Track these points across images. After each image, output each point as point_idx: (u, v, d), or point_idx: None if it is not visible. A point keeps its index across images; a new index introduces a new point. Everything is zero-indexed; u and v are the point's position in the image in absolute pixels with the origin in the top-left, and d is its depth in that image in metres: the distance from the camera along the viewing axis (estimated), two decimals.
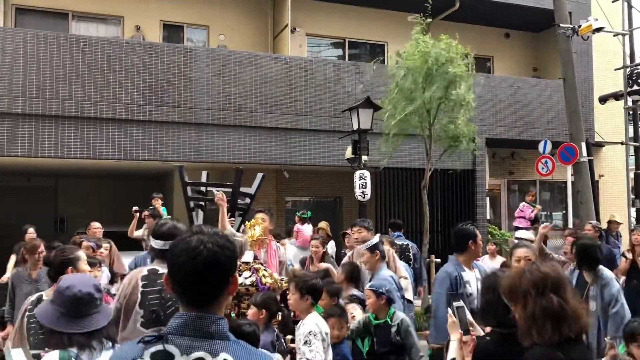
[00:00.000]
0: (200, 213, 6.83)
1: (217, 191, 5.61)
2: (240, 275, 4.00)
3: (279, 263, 5.51)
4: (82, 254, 3.88)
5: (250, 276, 3.92)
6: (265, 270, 4.03)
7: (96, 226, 8.16)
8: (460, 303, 2.61)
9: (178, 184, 13.23)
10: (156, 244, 3.38)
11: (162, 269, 3.23)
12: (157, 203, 9.40)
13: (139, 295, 3.24)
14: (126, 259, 7.10)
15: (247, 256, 4.16)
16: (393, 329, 4.20)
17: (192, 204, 6.76)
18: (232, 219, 6.46)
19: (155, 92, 10.40)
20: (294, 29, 13.40)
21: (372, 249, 5.08)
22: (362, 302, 4.80)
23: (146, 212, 9.10)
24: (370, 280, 4.87)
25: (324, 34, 14.35)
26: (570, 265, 5.27)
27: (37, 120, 9.66)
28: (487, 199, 13.15)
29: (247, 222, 4.37)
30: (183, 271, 1.65)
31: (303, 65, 11.67)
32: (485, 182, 13.08)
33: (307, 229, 9.29)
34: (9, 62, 9.52)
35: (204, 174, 7.22)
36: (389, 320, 4.25)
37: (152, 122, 10.35)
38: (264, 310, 4.02)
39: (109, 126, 10.07)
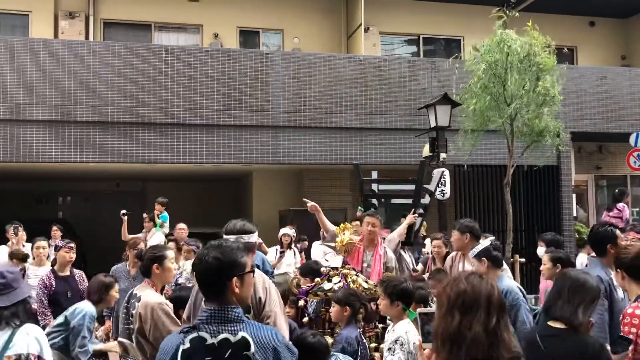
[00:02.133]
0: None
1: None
2: (330, 280, 3.99)
3: (386, 269, 5.32)
4: (170, 252, 4.04)
5: (339, 282, 3.89)
6: (356, 275, 3.97)
7: (182, 227, 8.41)
8: (428, 310, 2.38)
9: (257, 186, 13.63)
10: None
11: None
12: (160, 208, 9.47)
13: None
14: None
15: (336, 261, 4.14)
16: None
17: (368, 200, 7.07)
18: (416, 215, 6.55)
19: (234, 97, 10.68)
20: (368, 28, 13.37)
21: (479, 255, 4.38)
22: None
23: (145, 216, 9.30)
24: None
25: (397, 31, 14.23)
26: None
27: (125, 128, 10.16)
28: (574, 195, 12.54)
29: (336, 228, 4.33)
30: (196, 275, 2.32)
31: (377, 64, 11.61)
32: (571, 178, 12.49)
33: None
34: (99, 73, 10.08)
35: (374, 174, 7.52)
36: None
37: (232, 126, 10.64)
38: (347, 307, 3.99)
39: (191, 131, 10.45)
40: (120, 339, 3.90)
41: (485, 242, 4.53)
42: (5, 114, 9.65)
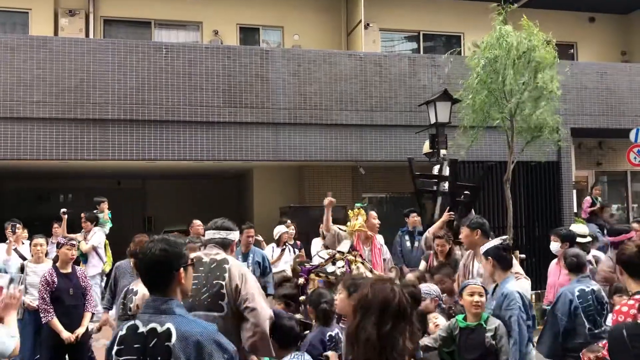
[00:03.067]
0: (438, 202, 7.19)
1: None
2: (334, 264, 3.95)
3: (383, 261, 5.44)
4: None
5: (342, 266, 3.84)
6: (362, 263, 3.92)
7: (198, 224, 8.32)
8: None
9: (257, 183, 13.65)
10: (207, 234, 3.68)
11: (205, 257, 3.46)
12: (103, 207, 9.44)
13: None
14: None
15: (343, 246, 4.09)
16: (488, 333, 3.87)
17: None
18: (451, 213, 6.60)
19: (234, 94, 10.69)
20: (368, 24, 13.37)
21: (487, 254, 4.29)
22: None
23: (82, 216, 9.19)
24: (492, 294, 4.23)
25: (397, 28, 14.23)
26: None
27: (125, 125, 10.17)
28: (574, 191, 12.56)
29: (350, 211, 4.29)
30: (140, 267, 2.39)
31: (377, 60, 11.61)
32: (572, 174, 12.50)
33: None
34: (99, 71, 10.09)
35: (435, 169, 7.62)
36: (483, 323, 3.92)
37: (232, 123, 10.64)
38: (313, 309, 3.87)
39: (191, 128, 10.45)
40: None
41: (495, 240, 4.37)
42: (5, 112, 9.67)
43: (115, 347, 2.24)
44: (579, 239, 6.73)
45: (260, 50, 11.33)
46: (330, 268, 3.86)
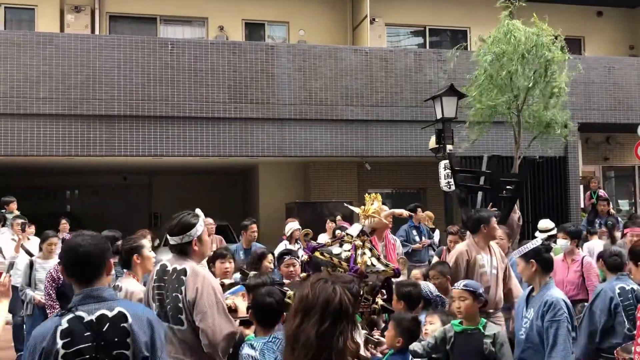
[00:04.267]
0: (479, 197, 7.18)
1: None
2: (341, 246, 3.73)
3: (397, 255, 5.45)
4: (146, 241, 4.07)
5: (348, 250, 3.45)
6: (371, 249, 3.67)
7: (209, 222, 8.01)
8: None
9: (263, 179, 13.64)
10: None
11: (169, 266, 3.23)
12: (12, 207, 9.05)
13: (150, 290, 3.32)
14: None
15: (353, 229, 3.63)
16: (487, 340, 3.58)
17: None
18: (495, 209, 6.54)
19: (240, 90, 10.68)
20: (373, 19, 13.31)
21: (527, 256, 3.76)
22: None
23: None
24: (526, 301, 3.82)
25: (403, 22, 14.16)
26: None
27: (132, 121, 10.19)
28: (581, 186, 12.49)
29: (367, 195, 3.97)
30: (71, 262, 2.40)
31: (383, 55, 11.57)
32: (579, 169, 12.43)
33: None
34: (105, 67, 10.10)
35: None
36: (481, 328, 3.64)
37: (237, 119, 10.64)
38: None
39: (197, 124, 10.46)
40: None
41: (536, 240, 3.88)
42: (12, 108, 9.70)
43: (61, 342, 2.23)
44: (538, 234, 6.71)
45: (266, 46, 11.32)
46: (336, 250, 3.52)
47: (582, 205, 12.45)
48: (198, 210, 3.44)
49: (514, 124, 8.90)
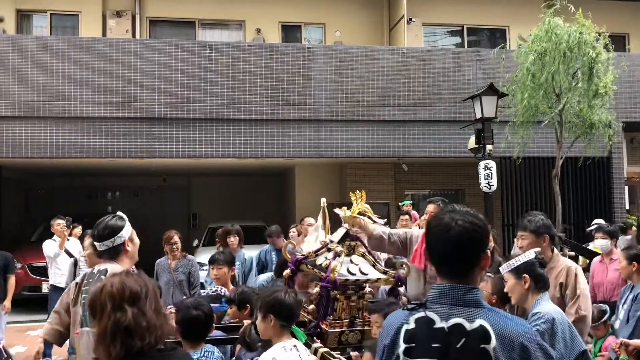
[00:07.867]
0: None
1: None
2: (329, 252, 3.20)
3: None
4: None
5: (327, 259, 3.10)
6: (363, 255, 3.14)
7: (232, 241, 7.18)
8: None
9: (299, 180, 13.68)
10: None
11: (95, 269, 3.11)
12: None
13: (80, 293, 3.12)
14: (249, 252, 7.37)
15: (336, 234, 3.29)
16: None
17: None
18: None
19: (277, 92, 10.74)
20: (410, 19, 13.22)
21: (518, 271, 3.28)
22: None
23: None
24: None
25: (440, 22, 14.02)
26: None
27: (171, 123, 10.36)
28: (626, 188, 12.12)
29: (351, 194, 3.60)
30: (437, 246, 1.84)
31: (420, 55, 11.47)
32: (623, 170, 12.06)
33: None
34: (145, 70, 10.31)
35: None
36: None
37: (274, 121, 10.71)
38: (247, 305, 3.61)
39: (234, 126, 10.57)
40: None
41: (528, 253, 3.36)
42: (57, 112, 9.98)
43: (404, 345, 1.78)
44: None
45: (302, 48, 11.35)
46: (320, 260, 3.18)
47: (626, 207, 12.08)
48: (120, 213, 3.33)
49: (556, 124, 8.70)
